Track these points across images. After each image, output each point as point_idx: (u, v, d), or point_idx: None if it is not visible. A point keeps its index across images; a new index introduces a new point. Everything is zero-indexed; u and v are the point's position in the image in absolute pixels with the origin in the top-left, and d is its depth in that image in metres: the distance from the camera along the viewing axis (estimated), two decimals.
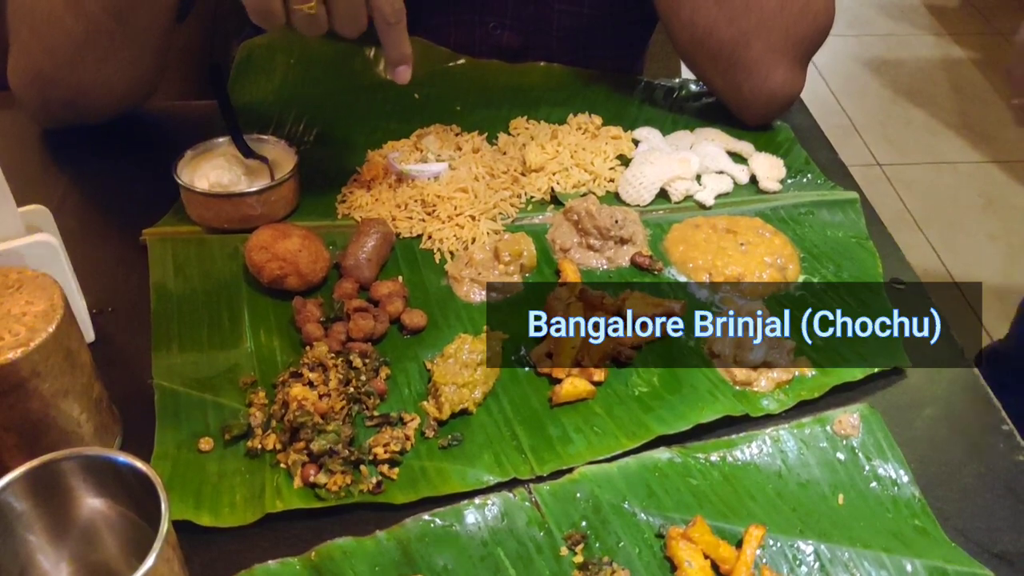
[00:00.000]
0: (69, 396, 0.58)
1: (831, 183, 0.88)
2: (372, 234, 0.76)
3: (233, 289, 0.75)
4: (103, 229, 0.82)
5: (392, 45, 0.74)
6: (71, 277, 0.68)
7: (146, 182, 0.83)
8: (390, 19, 0.72)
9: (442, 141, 0.87)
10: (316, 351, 0.67)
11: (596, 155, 0.87)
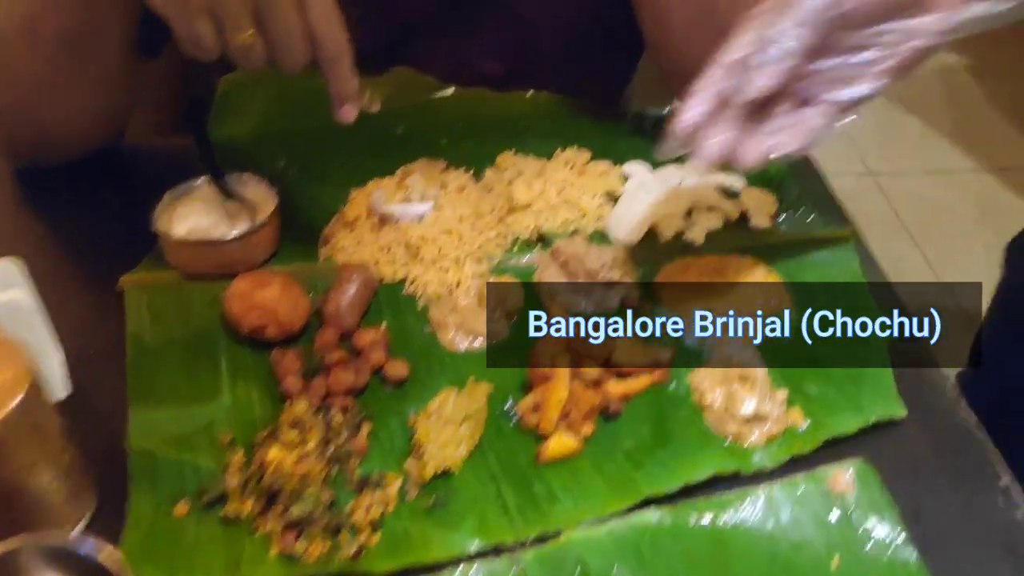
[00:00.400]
0: (37, 467, 0.56)
1: (824, 218, 0.86)
2: (354, 280, 0.74)
3: (212, 338, 0.73)
4: (80, 275, 0.80)
5: (334, 81, 0.70)
6: (46, 332, 0.66)
7: (124, 224, 0.81)
8: (330, 54, 0.68)
9: (427, 179, 0.85)
10: (295, 409, 0.65)
11: (584, 192, 0.86)
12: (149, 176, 0.89)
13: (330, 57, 0.68)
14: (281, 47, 0.66)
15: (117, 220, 0.83)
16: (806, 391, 0.71)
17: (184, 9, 0.63)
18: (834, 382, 0.72)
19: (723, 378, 0.70)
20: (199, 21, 0.63)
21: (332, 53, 0.68)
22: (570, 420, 0.66)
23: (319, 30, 0.66)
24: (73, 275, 0.80)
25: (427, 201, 0.83)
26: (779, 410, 0.68)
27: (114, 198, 0.86)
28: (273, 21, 0.64)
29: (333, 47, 0.67)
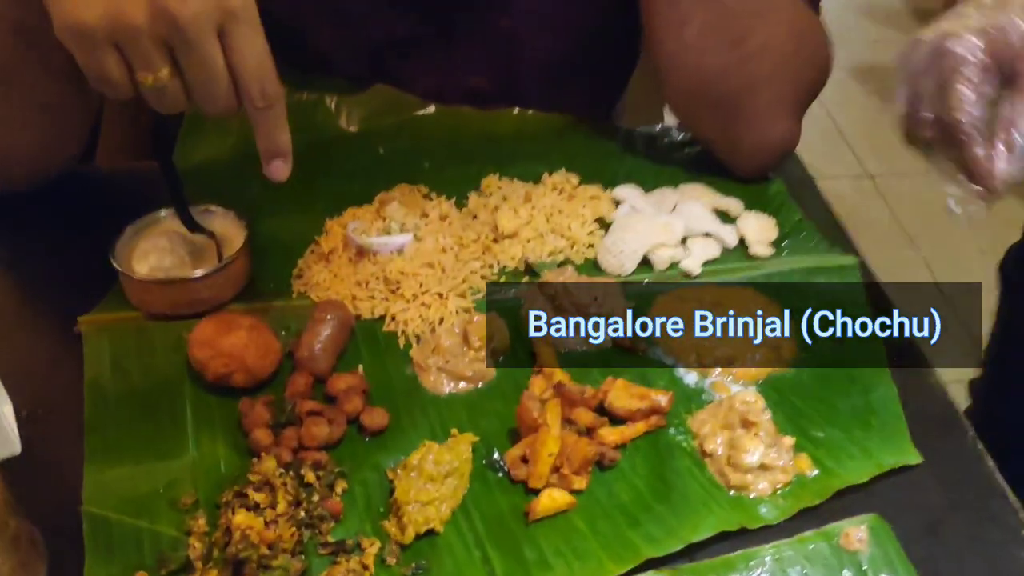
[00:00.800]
0: None
1: (826, 244, 0.82)
2: (328, 321, 0.69)
3: (175, 386, 0.68)
4: (35, 316, 0.75)
5: (263, 134, 0.61)
6: None
7: (84, 257, 0.76)
8: (258, 103, 0.58)
9: (407, 207, 0.80)
10: (263, 467, 0.60)
11: (573, 219, 0.81)
12: (112, 204, 0.84)
13: (259, 106, 0.59)
14: (201, 90, 0.58)
15: (76, 253, 0.78)
16: (813, 435, 0.66)
17: (87, 42, 0.55)
18: (842, 424, 0.67)
19: (725, 422, 0.66)
20: (105, 56, 0.56)
21: (262, 101, 0.59)
22: (562, 473, 0.61)
23: (247, 73, 0.58)
24: (27, 315, 0.75)
25: (407, 232, 0.78)
26: (786, 457, 0.64)
27: (73, 229, 0.80)
28: (190, 59, 0.56)
29: (263, 94, 0.58)
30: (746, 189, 0.87)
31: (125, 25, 0.54)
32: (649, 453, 0.65)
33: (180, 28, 0.54)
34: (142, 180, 0.79)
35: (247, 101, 0.59)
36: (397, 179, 0.86)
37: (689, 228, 0.80)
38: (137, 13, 0.53)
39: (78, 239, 0.79)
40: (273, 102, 0.59)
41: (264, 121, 0.60)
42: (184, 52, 0.56)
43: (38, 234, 0.81)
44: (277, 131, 0.61)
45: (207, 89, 0.58)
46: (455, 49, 0.93)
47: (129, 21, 0.54)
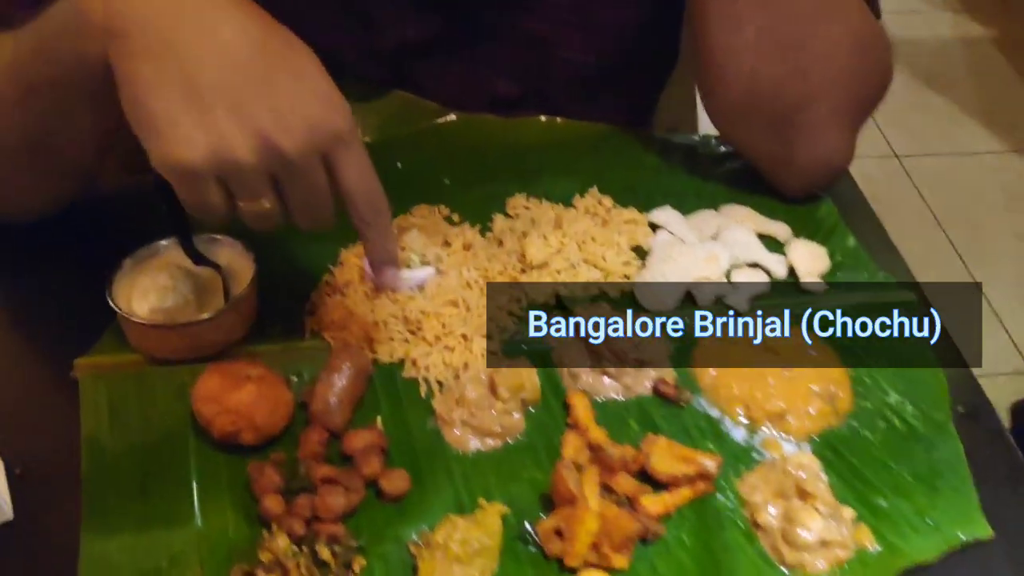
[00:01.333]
0: None
1: (882, 275, 0.75)
2: (344, 370, 0.64)
3: (178, 441, 0.63)
4: (27, 361, 0.70)
5: (373, 247, 0.60)
6: None
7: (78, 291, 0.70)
8: (368, 218, 0.57)
9: (427, 235, 0.74)
10: (274, 545, 0.55)
11: (608, 247, 0.75)
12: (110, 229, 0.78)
13: (367, 221, 0.58)
14: (303, 213, 0.56)
15: (71, 285, 0.72)
16: (874, 503, 0.61)
17: (190, 178, 0.53)
18: (905, 490, 0.61)
19: (779, 489, 0.60)
20: (209, 190, 0.53)
21: (371, 216, 0.57)
22: (602, 552, 0.56)
23: (355, 193, 0.56)
24: (17, 357, 0.69)
25: (428, 264, 0.71)
26: (846, 531, 0.58)
27: (67, 258, 0.74)
28: (294, 187, 0.54)
29: (369, 211, 0.57)
30: (793, 211, 0.81)
31: (231, 162, 0.51)
32: (695, 524, 0.59)
33: (287, 162, 0.52)
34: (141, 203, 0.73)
35: (356, 218, 0.57)
36: (416, 197, 0.80)
37: (734, 257, 0.74)
38: (243, 150, 0.51)
39: (71, 269, 0.73)
40: (383, 212, 0.58)
41: (373, 235, 0.58)
42: (289, 182, 0.54)
43: (27, 264, 0.75)
44: (387, 242, 0.60)
45: (310, 212, 0.56)
46: (478, 52, 0.86)
47: (235, 158, 0.51)
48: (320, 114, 0.52)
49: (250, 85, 0.51)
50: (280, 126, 0.51)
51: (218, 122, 0.50)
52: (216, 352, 0.66)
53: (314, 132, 0.52)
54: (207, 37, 0.52)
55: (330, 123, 0.53)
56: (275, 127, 0.51)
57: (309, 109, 0.52)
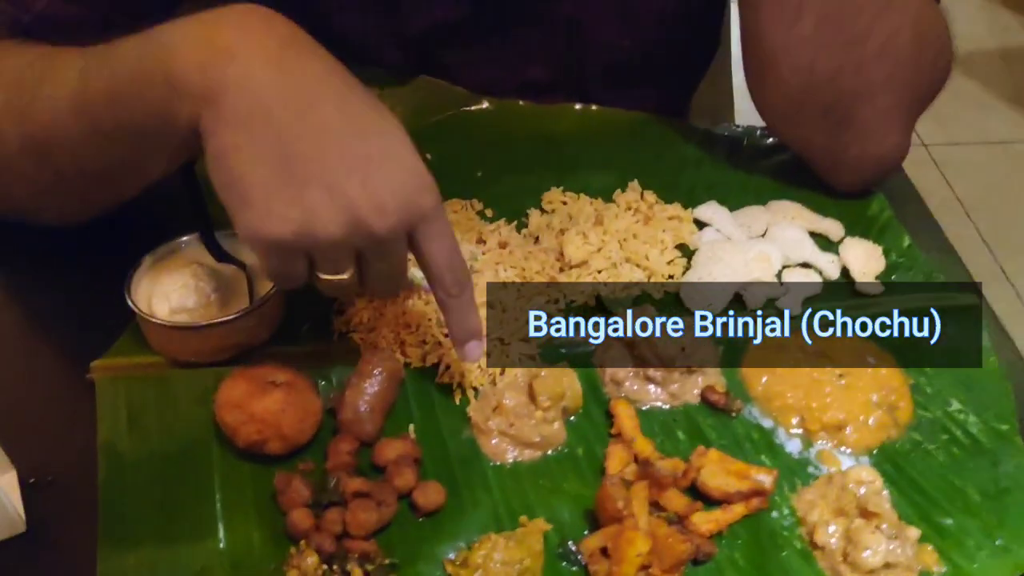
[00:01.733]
0: None
1: (941, 278, 0.71)
2: (375, 375, 0.60)
3: (201, 449, 0.59)
4: (42, 363, 0.66)
5: (456, 321, 0.58)
6: None
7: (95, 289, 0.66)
8: (452, 291, 0.56)
9: (461, 231, 0.71)
10: (303, 564, 0.52)
11: (651, 245, 0.71)
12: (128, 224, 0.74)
13: (452, 293, 0.56)
14: (379, 286, 0.56)
15: (87, 283, 0.69)
16: (938, 522, 0.57)
17: (279, 253, 0.51)
18: (971, 508, 0.58)
19: (838, 506, 0.56)
20: (295, 262, 0.52)
21: (456, 290, 0.56)
22: (650, 573, 0.53)
23: (439, 268, 0.55)
24: (32, 359, 0.66)
25: None
26: (910, 552, 0.54)
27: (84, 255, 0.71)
28: (377, 263, 0.53)
29: (454, 284, 0.56)
30: (844, 206, 0.77)
31: (321, 241, 0.50)
32: (749, 543, 0.56)
33: (377, 241, 0.51)
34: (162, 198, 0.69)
35: (439, 291, 0.56)
36: (448, 191, 0.75)
37: (785, 257, 0.70)
38: (334, 228, 0.50)
39: (89, 267, 0.69)
40: (464, 288, 0.56)
41: (457, 308, 0.57)
42: (373, 258, 0.53)
43: (43, 261, 0.71)
44: (470, 315, 0.58)
45: (384, 285, 0.56)
46: (510, 36, 0.82)
47: (325, 237, 0.50)
48: (411, 193, 0.51)
49: (345, 162, 0.50)
50: (372, 205, 0.50)
51: (312, 199, 0.49)
52: (240, 354, 0.63)
53: (404, 211, 0.51)
54: (307, 110, 0.51)
55: (420, 202, 0.52)
56: (368, 206, 0.50)
57: (400, 188, 0.51)
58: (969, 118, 2.53)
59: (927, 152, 2.45)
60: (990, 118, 2.51)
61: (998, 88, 2.59)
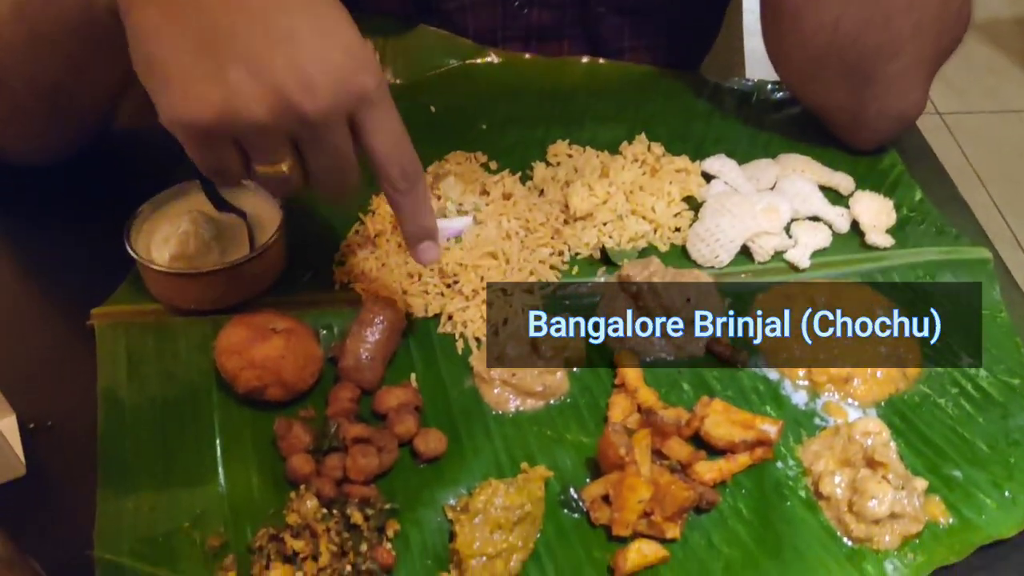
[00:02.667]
0: None
1: (953, 232, 0.70)
2: (376, 324, 0.59)
3: (201, 395, 0.59)
4: (41, 311, 0.66)
5: (407, 218, 0.54)
6: None
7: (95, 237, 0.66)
8: (399, 185, 0.52)
9: (465, 182, 0.69)
10: (303, 507, 0.51)
11: (657, 197, 0.70)
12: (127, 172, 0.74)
13: (398, 188, 0.52)
14: (326, 180, 0.51)
15: (86, 230, 0.68)
16: (946, 474, 0.56)
17: (200, 138, 0.47)
18: (980, 460, 0.57)
19: (844, 457, 0.56)
20: (220, 151, 0.48)
21: (403, 183, 0.52)
22: (652, 520, 0.52)
23: (384, 157, 0.50)
24: (31, 306, 0.66)
25: (465, 214, 0.67)
26: (917, 503, 0.53)
27: (83, 202, 0.70)
28: (316, 152, 0.49)
29: (404, 175, 0.51)
30: (855, 161, 0.75)
31: (244, 122, 0.46)
32: (753, 493, 0.55)
33: (308, 123, 0.46)
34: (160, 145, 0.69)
35: (385, 186, 0.52)
36: (451, 143, 0.75)
37: (794, 211, 0.69)
38: (258, 109, 0.45)
39: (89, 214, 0.69)
40: (415, 182, 0.52)
41: (406, 204, 0.53)
42: (311, 146, 0.48)
43: (43, 209, 0.71)
44: (422, 212, 0.54)
45: (332, 179, 0.51)
46: None
47: (249, 118, 0.46)
48: (345, 72, 0.47)
49: (270, 37, 0.46)
50: (300, 83, 0.45)
51: (233, 76, 0.45)
52: (240, 303, 0.63)
53: (338, 92, 0.46)
54: None
55: (357, 82, 0.47)
56: (295, 85, 0.45)
57: (333, 66, 0.46)
58: (984, 86, 2.49)
59: (941, 120, 2.42)
60: (1005, 86, 2.48)
61: (1013, 56, 2.55)
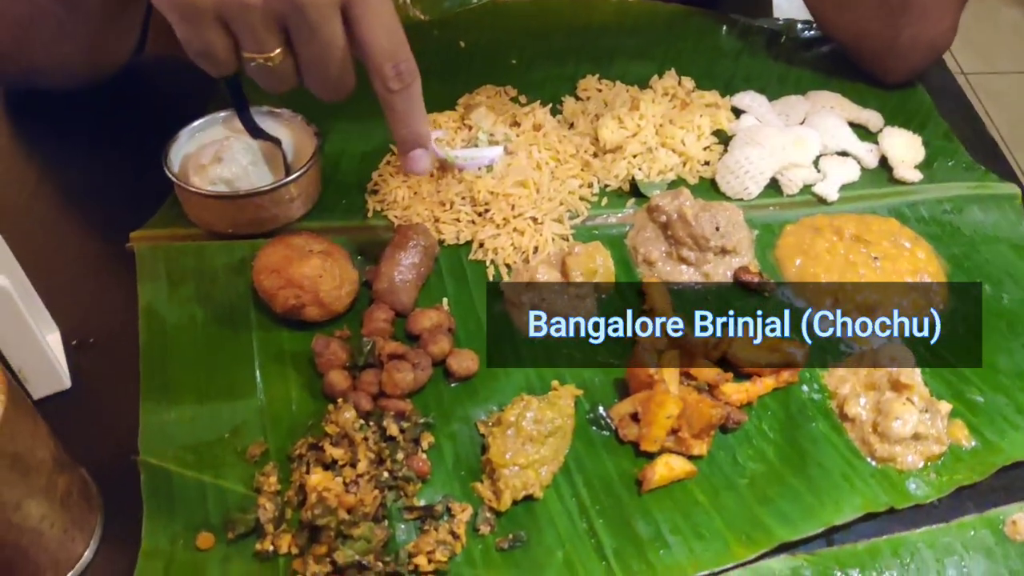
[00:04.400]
0: (24, 505, 0.45)
1: (981, 169, 0.70)
2: (410, 248, 0.61)
3: (240, 315, 0.60)
4: (84, 231, 0.67)
5: (399, 120, 0.52)
6: (29, 320, 0.53)
7: (136, 165, 0.67)
8: (392, 84, 0.50)
9: (496, 114, 0.70)
10: (341, 418, 0.53)
11: (687, 131, 0.70)
12: (165, 100, 0.75)
13: (391, 88, 0.50)
14: (317, 74, 0.50)
15: (126, 156, 0.70)
16: (969, 399, 0.57)
17: (190, 14, 0.46)
18: (1003, 386, 0.58)
19: (869, 382, 0.57)
20: (209, 32, 0.47)
21: (397, 83, 0.50)
22: (679, 437, 0.53)
23: (377, 53, 0.48)
24: (73, 229, 0.67)
25: (496, 145, 0.68)
26: (940, 426, 0.54)
27: (121, 129, 0.72)
28: (307, 42, 0.48)
29: (397, 74, 0.50)
30: (884, 98, 0.75)
31: (236, 1, 0.45)
32: (779, 414, 0.56)
33: (297, 7, 0.45)
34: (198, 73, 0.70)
35: (378, 84, 0.50)
36: (481, 78, 0.76)
37: (823, 145, 0.69)
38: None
39: (127, 141, 0.70)
40: (409, 82, 0.50)
41: (399, 105, 0.51)
42: (301, 33, 0.47)
43: (82, 135, 0.72)
44: (414, 116, 0.52)
45: (324, 73, 0.50)
46: None
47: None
48: None
49: None
50: None
51: None
52: (276, 229, 0.64)
53: None
54: None
55: None
56: None
57: None
58: (1009, 48, 2.46)
59: (966, 80, 2.39)
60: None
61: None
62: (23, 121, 0.74)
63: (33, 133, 0.74)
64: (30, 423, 0.45)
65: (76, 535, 0.49)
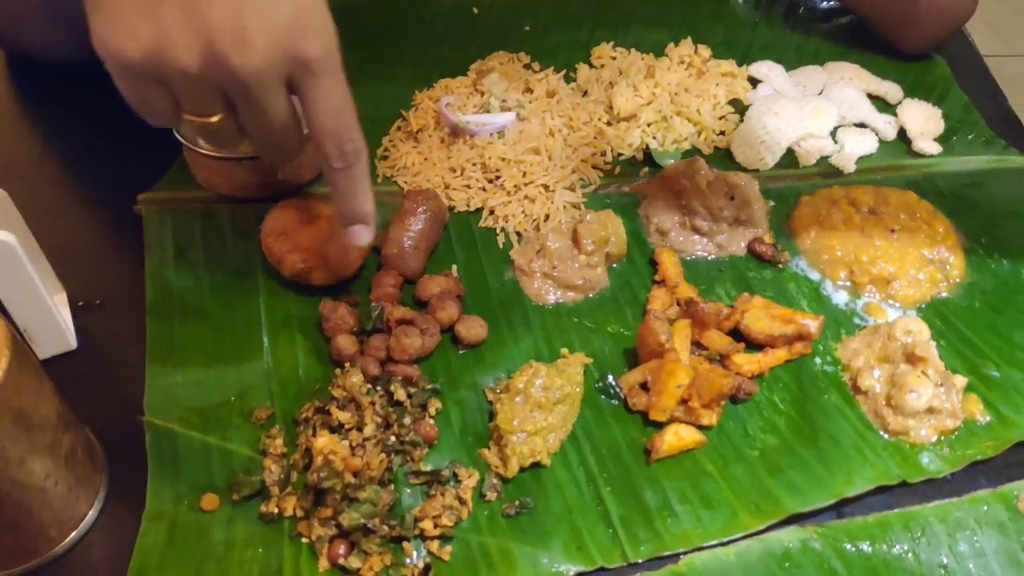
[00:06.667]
0: (28, 462, 0.44)
1: (1002, 143, 0.69)
2: (419, 213, 0.60)
3: (247, 279, 0.60)
4: (91, 193, 0.67)
5: (340, 197, 0.49)
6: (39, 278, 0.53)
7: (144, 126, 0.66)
8: (334, 163, 0.47)
9: (508, 80, 0.69)
10: (348, 382, 0.52)
11: (703, 100, 0.69)
12: None
13: (336, 166, 0.48)
14: (260, 139, 0.47)
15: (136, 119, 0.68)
16: (985, 373, 0.56)
17: (127, 73, 0.43)
18: (1018, 362, 0.57)
19: (883, 354, 0.56)
20: (149, 90, 0.44)
21: (340, 161, 0.47)
22: (689, 406, 0.53)
23: (322, 129, 0.46)
24: (80, 191, 0.67)
25: (508, 110, 0.67)
26: (955, 400, 0.54)
27: None
28: (248, 111, 0.45)
29: (341, 153, 0.47)
30: (903, 70, 0.74)
31: (170, 67, 0.42)
32: (791, 386, 0.55)
33: (238, 80, 0.43)
34: None
35: (322, 158, 0.48)
36: (494, 44, 0.75)
37: (841, 116, 0.68)
38: (185, 56, 0.42)
39: None
40: (353, 162, 0.48)
41: (341, 183, 0.49)
42: (242, 103, 0.45)
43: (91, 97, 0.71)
44: (358, 194, 0.49)
45: (267, 139, 0.47)
46: None
47: (175, 64, 0.42)
48: (288, 34, 0.42)
49: None
50: (233, 37, 0.41)
51: (166, 16, 0.41)
52: (284, 193, 0.63)
53: (274, 52, 0.42)
54: None
55: (299, 47, 0.43)
56: (228, 37, 0.41)
57: (275, 25, 0.42)
58: None
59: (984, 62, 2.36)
60: None
61: None
62: (31, 82, 0.74)
63: (41, 94, 0.73)
64: (34, 379, 0.44)
65: (80, 494, 0.49)
